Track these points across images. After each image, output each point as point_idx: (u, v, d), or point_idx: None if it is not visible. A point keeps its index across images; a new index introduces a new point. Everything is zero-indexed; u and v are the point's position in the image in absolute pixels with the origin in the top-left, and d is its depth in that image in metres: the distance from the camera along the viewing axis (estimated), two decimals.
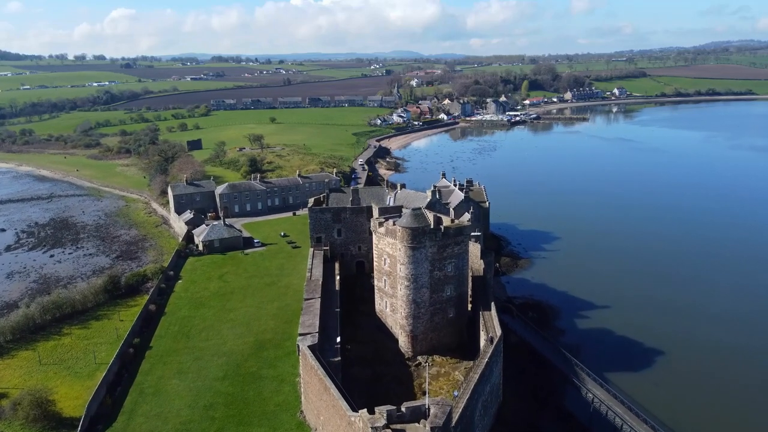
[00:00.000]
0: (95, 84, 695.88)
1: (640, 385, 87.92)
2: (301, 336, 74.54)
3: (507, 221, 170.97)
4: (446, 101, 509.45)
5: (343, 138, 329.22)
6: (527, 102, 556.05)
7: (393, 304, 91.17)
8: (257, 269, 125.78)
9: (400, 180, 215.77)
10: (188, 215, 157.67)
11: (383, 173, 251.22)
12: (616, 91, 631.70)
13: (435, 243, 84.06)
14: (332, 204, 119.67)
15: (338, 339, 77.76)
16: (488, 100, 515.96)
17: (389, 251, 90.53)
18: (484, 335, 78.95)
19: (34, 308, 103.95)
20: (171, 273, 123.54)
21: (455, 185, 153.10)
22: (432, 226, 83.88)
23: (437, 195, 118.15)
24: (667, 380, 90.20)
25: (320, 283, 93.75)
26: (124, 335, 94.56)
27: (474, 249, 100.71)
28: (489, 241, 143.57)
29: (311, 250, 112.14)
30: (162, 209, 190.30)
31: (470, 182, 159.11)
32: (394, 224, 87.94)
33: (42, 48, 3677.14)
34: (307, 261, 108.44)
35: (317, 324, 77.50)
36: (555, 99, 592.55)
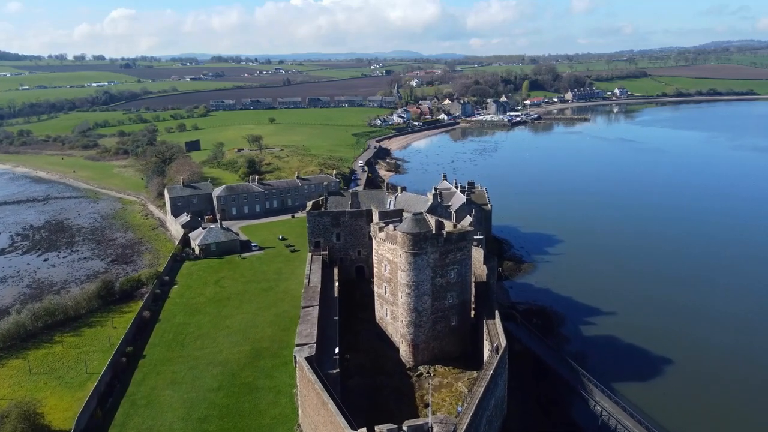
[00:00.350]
0: (94, 84, 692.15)
1: (649, 396, 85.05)
2: (298, 347, 71.80)
3: (509, 224, 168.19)
4: (446, 101, 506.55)
5: (343, 139, 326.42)
6: (528, 102, 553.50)
7: (393, 312, 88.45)
8: (254, 274, 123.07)
9: (401, 181, 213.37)
10: (185, 218, 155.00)
11: (383, 174, 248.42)
12: (617, 91, 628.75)
13: (437, 249, 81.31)
14: (331, 207, 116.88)
15: (337, 350, 74.99)
16: (489, 101, 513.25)
17: (390, 257, 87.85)
18: (488, 344, 76.27)
19: (25, 315, 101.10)
20: (166, 278, 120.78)
21: (456, 187, 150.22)
22: (434, 232, 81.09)
23: (438, 198, 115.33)
24: (678, 389, 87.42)
25: (318, 290, 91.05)
26: (117, 343, 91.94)
27: (477, 254, 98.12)
28: (491, 245, 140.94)
29: (309, 255, 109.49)
30: (159, 211, 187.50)
31: (472, 184, 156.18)
32: (395, 229, 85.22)
33: (42, 48, 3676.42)
34: (305, 266, 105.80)
35: (315, 334, 74.74)
36: (556, 99, 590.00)
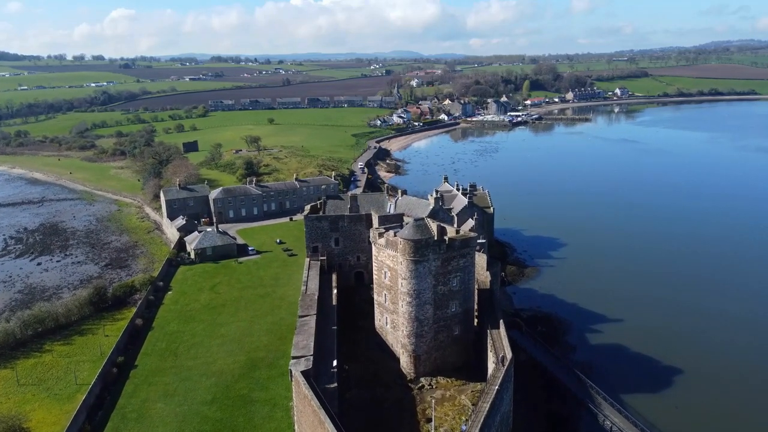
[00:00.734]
0: (93, 84, 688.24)
1: (661, 410, 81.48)
2: (294, 359, 68.56)
3: (511, 226, 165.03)
4: (447, 101, 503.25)
5: (343, 139, 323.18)
6: (528, 102, 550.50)
7: (394, 321, 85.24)
8: (251, 279, 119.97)
9: (401, 183, 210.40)
10: (181, 221, 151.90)
11: (383, 176, 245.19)
12: (618, 91, 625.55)
13: (439, 256, 78.14)
14: (329, 211, 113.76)
15: (334, 362, 71.69)
16: (489, 101, 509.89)
17: (390, 264, 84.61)
18: (493, 355, 73.14)
19: (15, 323, 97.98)
20: (160, 284, 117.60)
21: (458, 189, 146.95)
22: (435, 238, 77.95)
23: (440, 202, 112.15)
24: (692, 402, 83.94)
25: (316, 298, 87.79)
26: (108, 352, 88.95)
27: (480, 260, 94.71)
28: (494, 249, 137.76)
29: (307, 261, 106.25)
30: (155, 214, 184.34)
31: (474, 186, 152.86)
32: (395, 235, 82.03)
33: (41, 48, 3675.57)
34: (303, 272, 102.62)
35: (312, 346, 71.48)
36: (556, 99, 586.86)
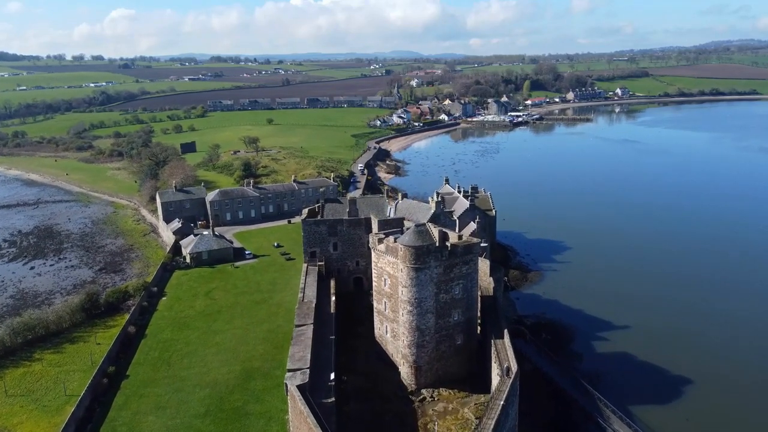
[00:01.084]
0: (92, 85, 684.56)
1: (671, 421, 78.79)
2: (290, 372, 65.76)
3: (513, 229, 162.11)
4: (447, 101, 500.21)
5: (342, 140, 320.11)
6: (529, 102, 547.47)
7: (394, 330, 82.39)
8: (247, 284, 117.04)
9: (401, 184, 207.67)
10: (176, 224, 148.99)
11: (383, 177, 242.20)
12: (619, 91, 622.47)
13: (441, 263, 75.36)
14: (328, 215, 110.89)
15: (332, 375, 68.78)
16: (489, 101, 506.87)
17: (390, 271, 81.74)
18: (497, 366, 70.31)
19: (4, 331, 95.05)
20: (154, 289, 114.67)
21: (459, 191, 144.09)
22: (437, 244, 75.16)
23: (441, 206, 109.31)
24: (704, 413, 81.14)
25: (313, 306, 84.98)
26: (99, 361, 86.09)
27: (482, 265, 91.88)
28: (496, 252, 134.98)
29: (305, 267, 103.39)
30: (151, 216, 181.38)
31: (475, 189, 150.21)
32: (395, 241, 79.18)
33: (41, 48, 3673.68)
34: (300, 277, 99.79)
35: (308, 358, 68.64)
36: (557, 99, 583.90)
